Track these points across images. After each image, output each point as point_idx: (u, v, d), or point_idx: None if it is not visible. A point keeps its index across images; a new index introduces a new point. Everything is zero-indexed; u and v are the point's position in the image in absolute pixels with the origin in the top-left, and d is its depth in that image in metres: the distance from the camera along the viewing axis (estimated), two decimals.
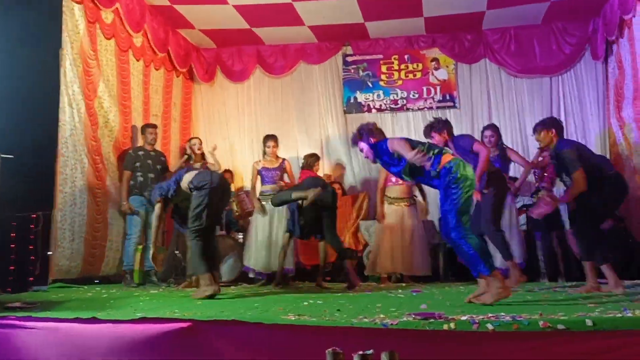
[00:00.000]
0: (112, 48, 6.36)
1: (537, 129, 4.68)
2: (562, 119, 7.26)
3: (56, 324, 3.22)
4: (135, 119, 6.75)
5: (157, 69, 7.31)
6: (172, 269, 6.07)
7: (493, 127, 5.82)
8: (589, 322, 2.74)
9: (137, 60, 6.85)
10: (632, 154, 6.04)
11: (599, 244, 4.48)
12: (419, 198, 6.30)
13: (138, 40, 6.77)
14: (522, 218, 6.29)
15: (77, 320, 3.21)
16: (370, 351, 2.26)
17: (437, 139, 4.92)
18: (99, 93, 6.07)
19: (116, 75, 6.42)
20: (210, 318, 3.16)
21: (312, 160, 7.26)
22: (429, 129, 5.04)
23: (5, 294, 4.78)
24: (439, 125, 4.95)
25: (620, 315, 2.92)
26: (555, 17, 7.12)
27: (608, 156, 7.01)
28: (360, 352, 2.25)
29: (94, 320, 3.19)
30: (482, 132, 5.85)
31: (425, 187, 6.36)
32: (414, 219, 6.07)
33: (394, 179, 6.06)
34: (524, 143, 7.38)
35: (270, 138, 6.35)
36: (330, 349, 2.30)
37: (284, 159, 6.37)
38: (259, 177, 6.35)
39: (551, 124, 4.68)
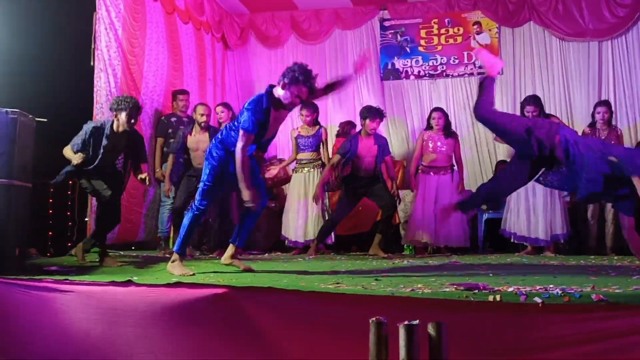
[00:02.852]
0: (159, 9, 6.38)
1: None
2: (611, 86, 6.93)
3: (91, 288, 3.22)
4: (186, 82, 6.76)
5: (207, 32, 7.30)
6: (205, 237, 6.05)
7: (535, 101, 5.57)
8: None
9: (185, 24, 6.82)
10: None
11: None
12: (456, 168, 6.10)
13: (180, 3, 6.75)
14: None
15: (112, 284, 3.19)
16: (416, 321, 2.15)
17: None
18: (146, 56, 6.07)
19: (166, 38, 6.43)
20: (245, 284, 3.09)
21: (348, 127, 7.11)
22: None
23: (44, 258, 4.82)
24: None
25: None
26: None
27: None
28: (406, 322, 2.14)
29: (129, 284, 3.16)
30: (523, 106, 5.60)
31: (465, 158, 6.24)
32: (450, 189, 5.88)
33: (431, 146, 5.88)
34: (568, 111, 7.07)
35: (305, 106, 6.18)
36: (374, 318, 2.19)
37: (320, 127, 6.22)
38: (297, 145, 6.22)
39: None
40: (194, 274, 3.63)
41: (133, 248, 6.11)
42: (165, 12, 6.47)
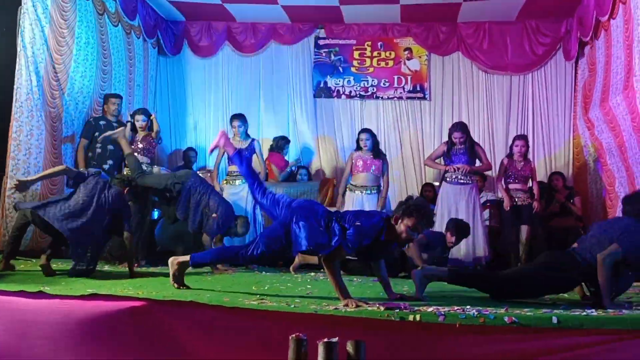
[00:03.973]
0: (90, 9, 6.16)
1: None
2: (530, 117, 7.33)
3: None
4: (115, 86, 6.58)
5: (137, 37, 7.10)
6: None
7: (462, 128, 5.87)
8: (554, 320, 2.72)
9: (115, 26, 6.61)
10: (602, 154, 6.09)
11: None
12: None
13: (111, 4, 6.57)
14: (486, 213, 6.32)
15: (21, 294, 3.02)
16: (336, 339, 2.17)
17: None
18: (73, 56, 5.82)
19: (96, 39, 6.22)
20: (166, 298, 3.01)
21: (282, 142, 7.14)
22: None
23: None
24: None
25: (585, 313, 2.90)
26: (529, 15, 7.14)
27: (571, 157, 7.13)
28: (326, 340, 2.16)
29: (40, 295, 3.00)
30: (451, 132, 5.87)
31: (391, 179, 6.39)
32: (375, 208, 5.99)
33: (360, 166, 5.99)
34: (490, 141, 7.41)
35: (236, 117, 6.15)
36: (293, 335, 2.20)
37: (253, 139, 6.18)
38: (223, 157, 6.16)
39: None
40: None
41: None
42: (97, 12, 6.26)
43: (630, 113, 5.32)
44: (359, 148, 6.10)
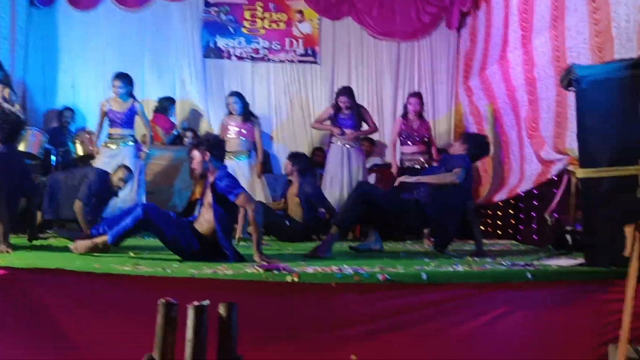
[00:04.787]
0: None
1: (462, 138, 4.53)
2: (415, 85, 7.55)
3: None
4: None
5: None
6: None
7: (348, 92, 5.86)
8: (424, 276, 2.86)
9: None
10: (480, 121, 6.40)
11: None
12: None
13: None
14: (372, 178, 6.48)
15: None
16: (206, 302, 2.13)
17: None
18: None
19: None
20: (32, 266, 2.81)
21: (167, 103, 6.85)
22: None
23: None
24: None
25: (452, 269, 3.07)
26: None
27: (452, 124, 7.46)
28: (195, 303, 2.11)
29: None
30: (337, 96, 5.87)
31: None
32: (248, 173, 5.78)
33: (231, 131, 5.78)
34: (379, 106, 7.56)
35: (119, 77, 5.76)
36: (162, 299, 2.13)
37: (135, 100, 5.82)
38: (106, 118, 5.76)
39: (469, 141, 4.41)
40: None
41: None
42: None
43: (505, 82, 5.65)
44: (229, 112, 5.89)
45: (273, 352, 2.68)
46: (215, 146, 3.61)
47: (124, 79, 5.72)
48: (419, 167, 5.59)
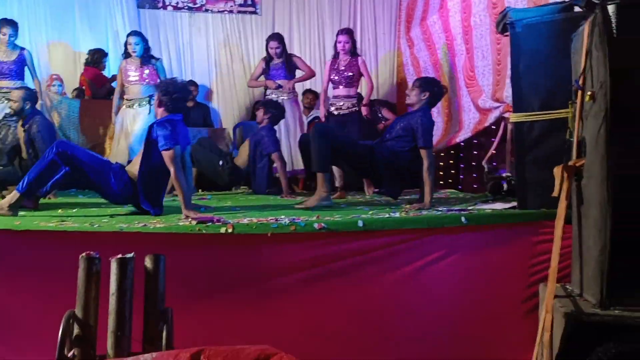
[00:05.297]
0: None
1: (415, 84, 4.06)
2: (358, 35, 7.41)
3: None
4: None
5: None
6: None
7: (279, 37, 5.64)
8: (360, 223, 2.84)
9: None
10: (420, 72, 6.37)
11: None
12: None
13: None
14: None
15: None
16: (131, 254, 2.04)
17: None
18: None
19: None
20: None
21: (98, 56, 6.51)
22: None
23: None
24: None
25: (387, 216, 3.07)
26: None
27: (395, 76, 7.42)
28: (120, 256, 2.01)
29: None
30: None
31: None
32: (147, 121, 5.13)
33: (131, 77, 5.29)
34: (321, 57, 7.42)
35: (6, 23, 5.26)
36: (83, 254, 2.03)
37: (23, 49, 5.37)
38: None
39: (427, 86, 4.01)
40: None
41: None
42: None
43: (444, 31, 5.62)
44: (127, 55, 5.35)
45: (207, 306, 2.63)
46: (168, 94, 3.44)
47: (12, 25, 5.30)
48: (347, 113, 5.23)
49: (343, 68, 5.28)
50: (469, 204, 3.67)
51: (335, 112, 5.27)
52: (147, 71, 5.31)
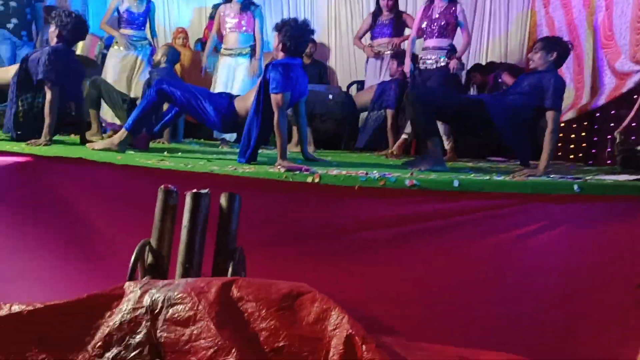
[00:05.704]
0: None
1: (538, 46, 3.54)
2: None
3: None
4: None
5: None
6: None
7: None
8: (455, 183, 2.63)
9: None
10: (554, 34, 5.81)
11: None
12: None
13: None
14: None
15: None
16: (206, 190, 2.04)
17: None
18: None
19: None
20: (55, 154, 2.84)
21: None
22: None
23: None
24: None
25: (487, 177, 2.82)
26: None
27: (526, 38, 6.83)
28: (195, 190, 2.03)
29: None
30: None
31: None
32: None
33: (231, 25, 5.01)
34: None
35: None
36: (162, 186, 2.07)
37: (149, 1, 5.41)
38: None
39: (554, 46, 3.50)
40: None
41: None
42: None
43: None
44: (225, 0, 5.09)
45: (282, 253, 2.60)
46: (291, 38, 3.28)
47: None
48: (434, 67, 4.61)
49: (437, 15, 4.61)
50: (588, 175, 3.28)
51: (422, 67, 4.68)
52: (245, 18, 5.01)
